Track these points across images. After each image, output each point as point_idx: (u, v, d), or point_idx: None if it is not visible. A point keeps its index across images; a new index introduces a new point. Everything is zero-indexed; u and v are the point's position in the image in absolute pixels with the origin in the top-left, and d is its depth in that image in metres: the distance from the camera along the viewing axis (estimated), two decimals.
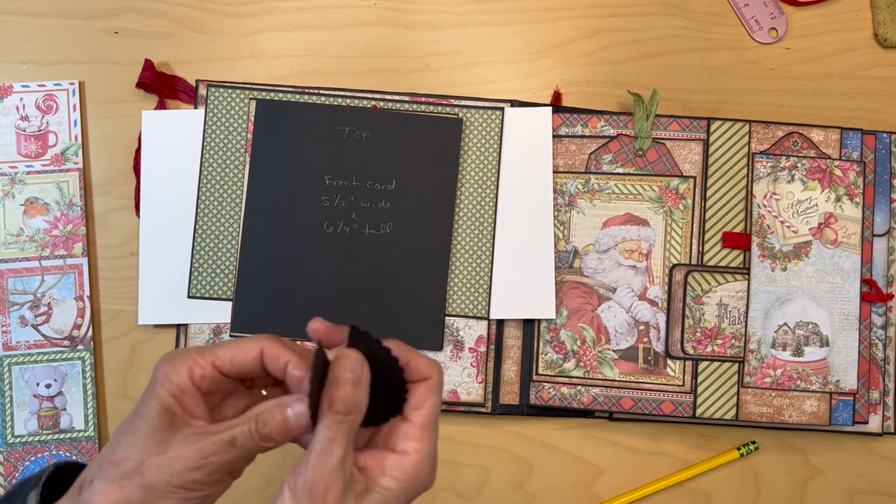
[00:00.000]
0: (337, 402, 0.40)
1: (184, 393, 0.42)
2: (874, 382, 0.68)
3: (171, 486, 0.40)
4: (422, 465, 0.42)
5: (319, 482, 0.39)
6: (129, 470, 0.40)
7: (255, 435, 0.41)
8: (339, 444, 0.40)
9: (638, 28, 0.71)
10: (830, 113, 0.71)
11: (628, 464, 0.68)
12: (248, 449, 0.41)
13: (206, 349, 0.43)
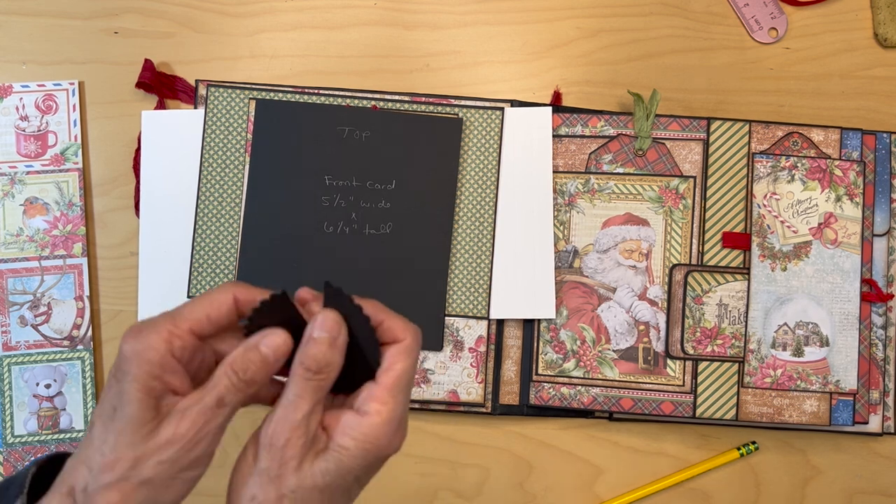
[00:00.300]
0: (308, 360, 0.39)
1: (165, 371, 0.39)
2: (874, 382, 0.68)
3: (171, 475, 0.38)
4: (382, 428, 0.40)
5: (280, 435, 0.39)
6: (124, 471, 0.38)
7: (240, 385, 0.39)
8: (306, 400, 0.39)
9: (638, 28, 0.71)
10: (830, 113, 0.71)
11: (628, 464, 0.68)
12: (237, 401, 0.39)
13: (177, 315, 0.40)
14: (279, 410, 0.39)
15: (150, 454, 0.38)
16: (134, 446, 0.38)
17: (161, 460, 0.38)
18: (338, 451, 0.39)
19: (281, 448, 0.39)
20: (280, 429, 0.39)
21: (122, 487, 0.38)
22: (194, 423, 0.38)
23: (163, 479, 0.38)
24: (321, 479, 0.39)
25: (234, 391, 0.39)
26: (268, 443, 0.39)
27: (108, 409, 0.39)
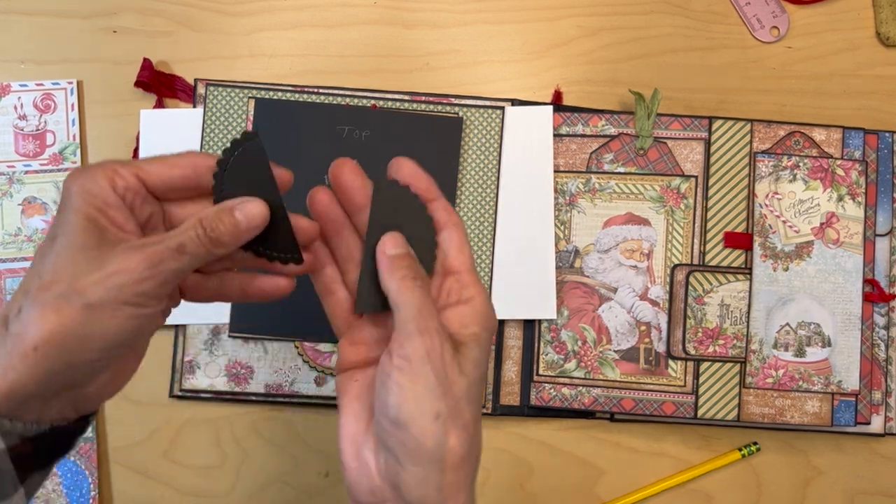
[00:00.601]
0: (403, 269, 0.39)
1: (108, 205, 0.38)
2: (876, 383, 0.68)
3: (117, 303, 0.36)
4: (489, 305, 0.41)
5: (433, 348, 0.38)
6: (63, 291, 0.36)
7: (205, 240, 0.38)
8: (429, 303, 0.39)
9: (639, 27, 0.71)
10: (832, 112, 0.70)
11: (629, 465, 0.68)
12: (197, 256, 0.38)
13: (125, 161, 0.39)
14: (409, 327, 0.38)
15: (95, 278, 0.36)
16: (75, 266, 0.36)
17: (107, 287, 0.36)
18: (474, 340, 0.40)
19: (438, 361, 0.38)
20: (428, 343, 0.38)
21: (60, 306, 0.35)
22: (147, 259, 0.37)
23: (105, 307, 0.36)
24: (478, 369, 0.40)
25: (197, 243, 0.38)
26: (421, 362, 0.38)
27: (48, 240, 0.38)
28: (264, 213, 0.39)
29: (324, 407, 0.68)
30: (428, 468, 0.37)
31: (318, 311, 0.67)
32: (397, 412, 0.37)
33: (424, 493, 0.37)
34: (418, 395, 0.37)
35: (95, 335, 0.36)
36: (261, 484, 0.67)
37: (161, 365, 0.67)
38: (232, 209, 0.39)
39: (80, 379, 0.38)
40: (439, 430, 0.37)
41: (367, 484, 0.39)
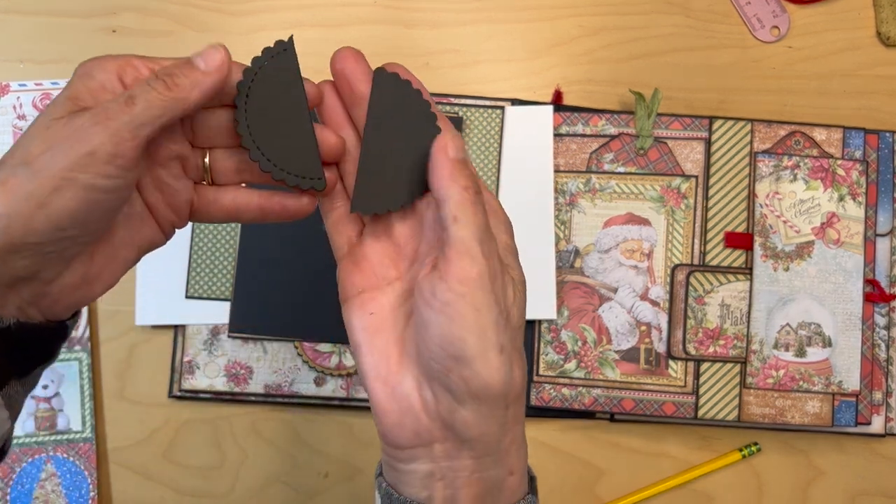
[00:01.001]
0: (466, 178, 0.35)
1: (104, 89, 0.34)
2: (877, 383, 0.67)
3: (64, 170, 0.32)
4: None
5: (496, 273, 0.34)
6: (14, 166, 0.33)
7: (160, 85, 0.34)
8: (485, 217, 0.35)
9: (639, 26, 0.71)
10: (833, 112, 0.70)
11: (630, 465, 0.68)
12: (150, 107, 0.33)
13: (146, 56, 0.36)
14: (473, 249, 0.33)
15: (40, 149, 0.33)
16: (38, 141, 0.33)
17: (52, 154, 0.32)
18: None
19: (501, 288, 0.34)
20: (492, 266, 0.34)
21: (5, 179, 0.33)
22: (93, 117, 0.33)
23: (49, 175, 0.32)
24: (522, 271, 0.37)
25: (147, 91, 0.33)
26: (484, 290, 0.33)
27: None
28: (222, 54, 0.35)
29: (323, 407, 0.67)
30: (493, 404, 0.34)
31: (317, 311, 0.67)
32: (462, 346, 0.33)
33: (486, 430, 0.34)
34: (483, 326, 0.33)
35: (42, 211, 0.32)
36: (260, 484, 0.67)
37: (160, 365, 0.67)
38: (190, 58, 0.35)
39: (33, 267, 0.34)
40: (506, 365, 0.34)
41: (411, 426, 0.35)
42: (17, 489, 0.65)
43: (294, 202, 0.39)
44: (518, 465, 0.36)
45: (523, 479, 0.37)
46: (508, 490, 0.36)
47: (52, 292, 0.36)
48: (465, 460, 0.35)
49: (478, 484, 0.35)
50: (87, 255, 0.36)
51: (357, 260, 0.39)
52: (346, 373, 0.66)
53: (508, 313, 0.34)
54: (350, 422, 0.68)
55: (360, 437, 0.68)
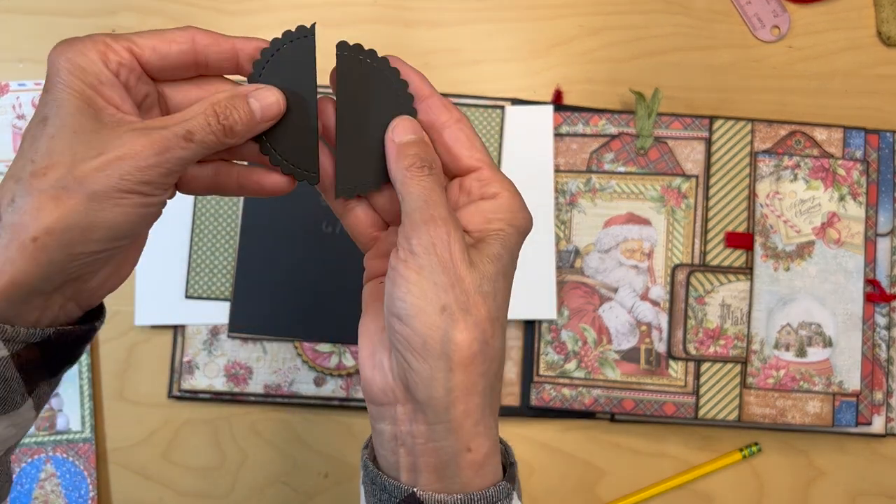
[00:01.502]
0: (413, 160, 0.37)
1: (102, 83, 0.35)
2: (878, 383, 0.67)
3: (120, 192, 0.34)
4: (518, 200, 0.39)
5: (439, 240, 0.36)
6: (61, 178, 0.33)
7: (216, 129, 0.36)
8: (437, 192, 0.37)
9: (640, 26, 0.71)
10: (833, 111, 0.70)
11: (630, 465, 0.68)
12: (206, 145, 0.36)
13: (118, 34, 0.36)
14: (414, 217, 0.36)
15: (95, 166, 0.33)
16: (72, 150, 0.34)
17: (109, 174, 0.33)
18: (496, 235, 0.38)
19: (445, 252, 0.35)
20: (434, 233, 0.36)
21: (59, 195, 0.33)
22: (154, 145, 0.34)
23: (108, 196, 0.34)
24: (498, 264, 0.37)
25: (207, 131, 0.36)
26: (426, 253, 0.36)
27: (37, 122, 0.35)
28: (280, 103, 0.38)
29: (323, 407, 0.67)
30: (434, 365, 0.35)
31: (317, 311, 0.67)
32: (402, 306, 0.35)
33: (431, 392, 0.35)
34: (424, 288, 0.35)
35: (98, 226, 0.34)
36: (260, 485, 0.67)
37: (160, 365, 0.67)
38: (246, 96, 0.37)
39: (82, 271, 0.36)
40: (445, 324, 0.35)
41: (380, 383, 0.37)
42: (17, 489, 0.65)
43: (270, 181, 0.40)
44: (478, 443, 0.36)
45: (488, 460, 0.37)
46: (468, 467, 0.36)
47: (91, 287, 0.37)
48: (420, 425, 0.36)
49: (433, 453, 0.36)
50: (124, 249, 0.38)
51: (380, 254, 0.42)
52: (346, 373, 0.66)
53: (457, 275, 0.35)
54: (350, 422, 0.68)
55: (360, 437, 0.68)
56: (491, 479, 0.37)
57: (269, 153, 0.39)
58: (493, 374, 0.37)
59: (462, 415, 0.36)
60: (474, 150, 0.39)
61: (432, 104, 0.40)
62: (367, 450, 0.40)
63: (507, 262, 0.38)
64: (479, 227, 0.38)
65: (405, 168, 0.37)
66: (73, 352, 0.39)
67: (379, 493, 0.37)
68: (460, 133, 0.39)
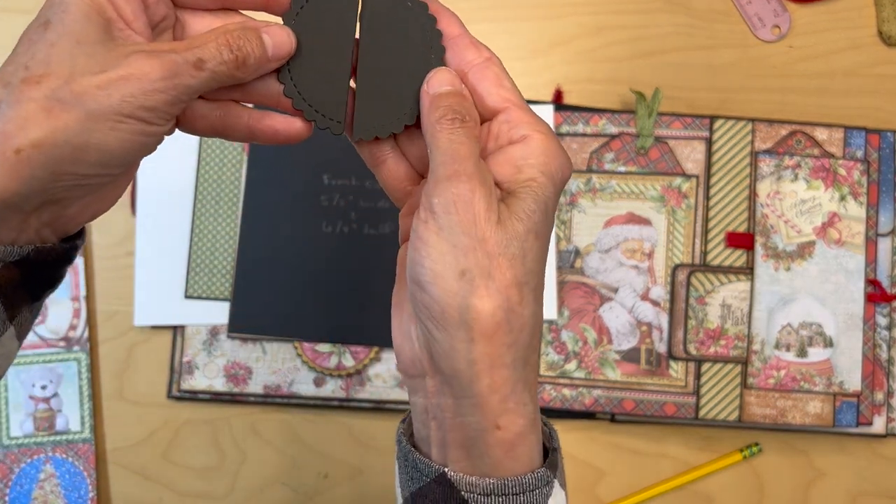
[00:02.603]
0: (445, 112, 0.34)
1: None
2: (878, 384, 0.67)
3: (120, 115, 0.31)
4: (552, 143, 0.35)
5: (461, 197, 0.32)
6: (57, 90, 0.31)
7: (228, 58, 0.33)
8: (466, 146, 0.34)
9: (640, 25, 0.70)
10: (834, 111, 0.70)
11: (630, 466, 0.68)
12: (216, 76, 0.33)
13: None
14: (438, 172, 0.33)
15: (97, 82, 0.31)
16: (73, 61, 0.31)
17: (112, 93, 0.31)
18: (527, 186, 0.34)
19: (467, 211, 0.32)
20: (456, 190, 0.33)
21: (52, 107, 0.31)
22: (162, 69, 0.32)
23: (107, 117, 0.31)
24: (528, 221, 0.33)
25: (218, 61, 0.33)
26: (446, 212, 0.33)
27: (38, 24, 0.32)
28: (291, 43, 0.36)
29: (323, 408, 0.67)
30: (454, 335, 0.32)
31: (317, 311, 0.67)
32: (420, 271, 0.33)
33: (453, 364, 0.33)
34: (442, 251, 0.32)
35: (91, 148, 0.32)
36: (259, 485, 0.67)
37: (159, 365, 0.67)
38: (258, 29, 0.35)
39: (64, 195, 0.33)
40: (464, 290, 0.32)
41: (409, 353, 0.35)
42: (16, 490, 0.65)
43: (285, 126, 0.38)
44: (508, 420, 0.33)
45: (521, 440, 0.34)
46: (497, 446, 0.34)
47: (69, 213, 0.35)
48: (447, 398, 0.34)
49: (460, 429, 0.34)
50: (112, 178, 0.36)
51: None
52: (346, 373, 0.66)
53: (480, 236, 0.32)
54: (349, 422, 0.68)
55: (360, 437, 0.67)
56: (526, 463, 0.34)
57: (293, 96, 0.37)
58: (525, 346, 0.33)
59: (487, 389, 0.33)
60: (502, 88, 0.36)
61: (460, 43, 0.37)
62: (403, 424, 0.38)
63: (540, 217, 0.34)
64: (509, 177, 0.35)
65: (435, 120, 0.34)
66: (54, 273, 0.36)
67: (411, 470, 0.35)
68: (487, 71, 0.36)
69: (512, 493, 0.33)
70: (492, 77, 0.36)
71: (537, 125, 0.35)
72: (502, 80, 0.36)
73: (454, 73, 0.36)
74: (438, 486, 0.34)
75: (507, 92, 0.36)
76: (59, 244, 0.36)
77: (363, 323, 0.66)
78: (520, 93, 0.36)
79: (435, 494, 0.34)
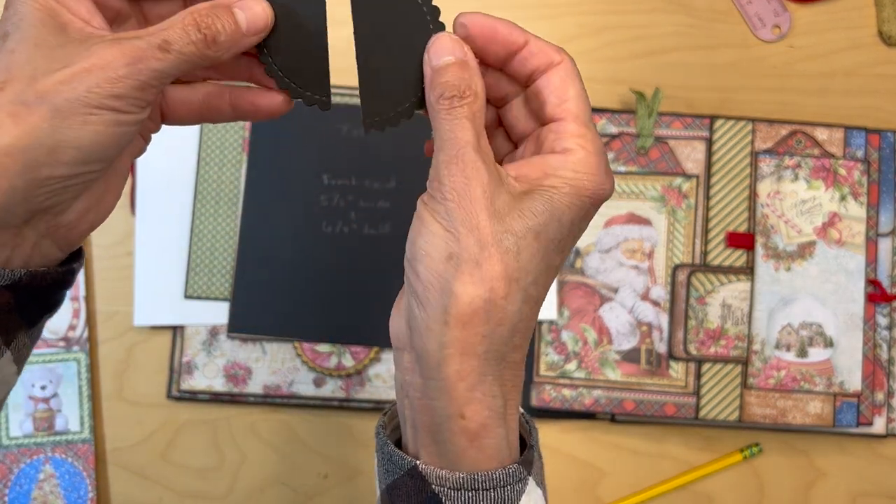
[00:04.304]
0: (442, 88, 0.33)
1: None
2: (879, 384, 0.67)
3: (88, 106, 0.31)
4: (592, 160, 0.34)
5: (456, 177, 0.32)
6: (20, 93, 0.30)
7: (197, 39, 0.32)
8: (465, 128, 0.33)
9: (641, 25, 0.70)
10: (834, 111, 0.70)
11: (631, 466, 0.68)
12: (185, 57, 0.32)
13: None
14: (440, 155, 0.33)
15: (58, 78, 0.30)
16: (32, 64, 0.31)
17: (75, 87, 0.30)
18: (546, 191, 0.33)
19: (464, 197, 0.32)
20: (455, 174, 0.32)
21: (17, 112, 0.30)
22: (125, 55, 0.31)
23: (75, 111, 0.31)
24: (532, 220, 0.33)
25: (185, 41, 0.32)
26: (442, 196, 0.33)
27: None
28: (268, 14, 0.34)
29: (322, 408, 0.67)
30: (430, 315, 0.33)
31: (317, 312, 0.67)
32: (411, 248, 0.34)
33: (425, 343, 0.33)
34: (434, 231, 0.33)
35: (65, 145, 0.31)
36: (259, 485, 0.67)
37: (159, 366, 0.67)
38: (230, 6, 0.33)
39: (52, 201, 0.33)
40: (448, 273, 0.32)
41: (396, 324, 0.36)
42: (16, 490, 0.65)
43: (266, 101, 0.37)
44: (473, 410, 0.33)
45: (486, 432, 0.34)
46: (461, 434, 0.33)
47: (67, 221, 0.35)
48: (417, 377, 0.34)
49: (427, 412, 0.34)
50: (101, 180, 0.35)
51: None
52: (346, 373, 0.66)
53: (474, 224, 0.32)
54: (349, 423, 0.67)
55: (360, 437, 0.67)
56: (493, 456, 0.34)
57: (276, 76, 0.35)
58: (501, 340, 0.33)
59: (455, 375, 0.33)
60: (563, 96, 0.35)
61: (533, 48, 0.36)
62: (385, 416, 0.38)
63: (547, 222, 0.33)
64: (534, 178, 0.34)
65: (434, 101, 0.34)
66: (50, 298, 0.36)
67: (387, 463, 0.35)
68: (553, 76, 0.35)
69: (483, 488, 0.33)
70: (556, 83, 0.35)
71: (585, 140, 0.34)
72: (567, 87, 0.35)
73: (455, 38, 0.35)
74: (410, 479, 0.34)
75: (567, 101, 0.35)
76: (53, 268, 0.35)
77: (363, 323, 0.66)
78: (585, 100, 0.35)
79: (408, 487, 0.34)
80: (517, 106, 0.37)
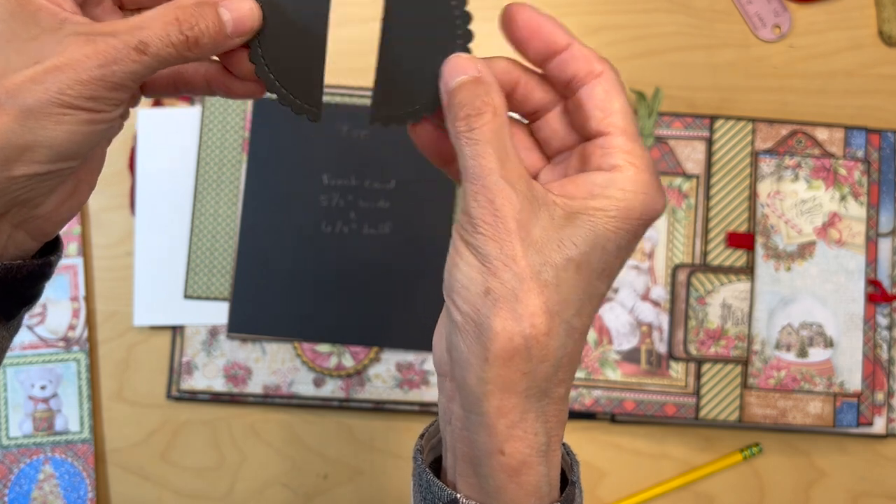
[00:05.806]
0: (458, 110, 0.32)
1: None
2: (879, 384, 0.67)
3: (60, 107, 0.30)
4: (641, 180, 0.32)
5: (486, 205, 0.30)
6: None
7: (178, 40, 0.31)
8: (488, 148, 0.31)
9: (641, 25, 0.70)
10: (835, 111, 0.70)
11: (631, 466, 0.68)
12: (162, 58, 0.31)
13: None
14: (467, 185, 0.31)
15: (27, 76, 0.29)
16: (4, 60, 0.30)
17: (46, 87, 0.29)
18: (591, 216, 0.32)
19: (499, 228, 0.31)
20: (485, 204, 0.31)
21: None
22: (98, 56, 0.30)
23: (47, 112, 0.29)
24: (573, 251, 0.31)
25: (164, 43, 0.30)
26: (474, 226, 0.31)
27: None
28: (255, 15, 0.32)
29: (322, 408, 0.67)
30: (469, 349, 0.31)
31: (317, 312, 0.67)
32: (448, 279, 0.32)
33: (465, 376, 0.32)
34: (470, 264, 0.31)
35: (38, 145, 0.30)
36: (259, 486, 0.67)
37: (159, 366, 0.67)
38: (216, 4, 0.32)
39: (26, 196, 0.32)
40: (486, 309, 0.31)
41: (438, 349, 0.34)
42: (16, 490, 0.65)
43: (241, 89, 0.36)
44: (513, 448, 0.32)
45: (527, 469, 0.33)
46: (501, 470, 0.32)
47: (43, 213, 0.34)
48: (458, 408, 0.33)
49: (467, 443, 0.33)
50: (77, 171, 0.34)
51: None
52: (346, 374, 0.66)
53: (508, 256, 0.31)
54: (349, 423, 0.67)
55: (360, 438, 0.67)
56: (533, 492, 0.33)
57: (266, 78, 0.34)
58: (544, 377, 0.32)
59: (495, 412, 0.32)
60: (607, 109, 0.33)
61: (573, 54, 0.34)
62: (421, 440, 0.37)
63: (589, 251, 0.32)
64: (580, 198, 0.32)
65: (452, 123, 0.32)
66: (27, 290, 0.35)
67: (424, 491, 0.34)
68: (596, 88, 0.33)
69: None
70: (600, 95, 0.33)
71: (634, 156, 0.33)
72: (611, 100, 0.33)
73: (466, 57, 0.34)
74: None
75: (613, 115, 0.33)
76: (30, 261, 0.34)
77: (363, 323, 0.66)
78: (631, 114, 0.34)
79: None
80: (554, 119, 0.36)
